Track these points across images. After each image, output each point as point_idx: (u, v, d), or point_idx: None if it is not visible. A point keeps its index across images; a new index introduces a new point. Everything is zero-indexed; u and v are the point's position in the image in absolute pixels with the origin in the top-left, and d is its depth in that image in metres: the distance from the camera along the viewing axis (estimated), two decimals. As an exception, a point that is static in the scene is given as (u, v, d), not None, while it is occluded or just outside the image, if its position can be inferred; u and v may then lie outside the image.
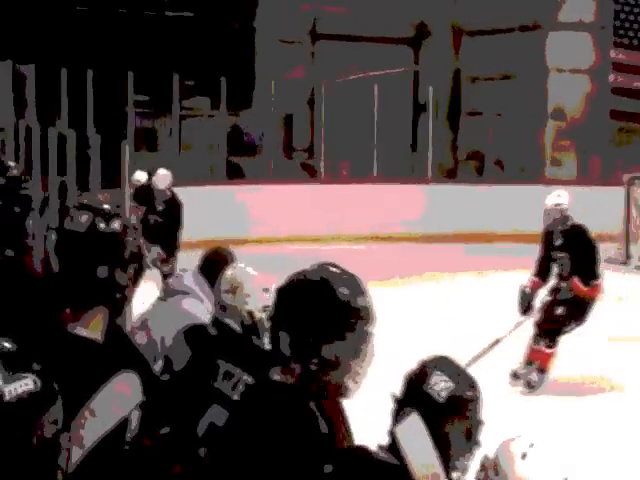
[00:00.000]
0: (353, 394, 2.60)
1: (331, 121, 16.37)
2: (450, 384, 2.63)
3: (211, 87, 15.75)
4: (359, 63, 16.94)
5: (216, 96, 15.50)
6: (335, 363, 2.53)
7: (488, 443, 2.73)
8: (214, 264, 4.03)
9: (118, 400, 2.35)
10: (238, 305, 3.36)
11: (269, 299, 3.15)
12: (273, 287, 3.16)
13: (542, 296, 7.92)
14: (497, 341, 7.54)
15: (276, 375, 2.57)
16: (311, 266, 2.69)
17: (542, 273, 7.90)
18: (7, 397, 1.93)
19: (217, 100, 15.51)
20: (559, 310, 7.69)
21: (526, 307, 7.82)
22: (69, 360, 2.38)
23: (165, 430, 2.87)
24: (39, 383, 1.99)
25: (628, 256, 13.95)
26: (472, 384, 2.70)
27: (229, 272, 3.44)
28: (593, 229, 8.03)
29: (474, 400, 2.67)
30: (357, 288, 2.61)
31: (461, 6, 18.19)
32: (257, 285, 3.44)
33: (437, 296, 11.24)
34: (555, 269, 7.87)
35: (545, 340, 7.73)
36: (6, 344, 2.03)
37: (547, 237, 7.92)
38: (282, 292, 2.66)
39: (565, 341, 7.87)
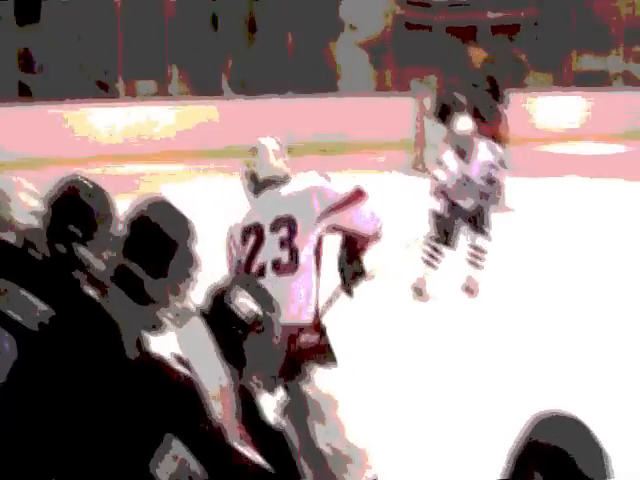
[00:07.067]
0: None
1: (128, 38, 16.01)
2: (251, 302, 2.74)
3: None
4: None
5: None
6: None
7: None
8: None
9: None
10: (7, 216, 3.25)
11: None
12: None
13: None
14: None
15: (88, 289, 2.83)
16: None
17: None
18: None
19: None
20: None
21: None
22: None
23: None
24: None
25: (423, 163, 14.33)
26: (273, 306, 2.81)
27: None
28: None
29: (272, 321, 2.79)
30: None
31: None
32: (20, 188, 3.32)
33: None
34: None
35: None
36: None
37: None
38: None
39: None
